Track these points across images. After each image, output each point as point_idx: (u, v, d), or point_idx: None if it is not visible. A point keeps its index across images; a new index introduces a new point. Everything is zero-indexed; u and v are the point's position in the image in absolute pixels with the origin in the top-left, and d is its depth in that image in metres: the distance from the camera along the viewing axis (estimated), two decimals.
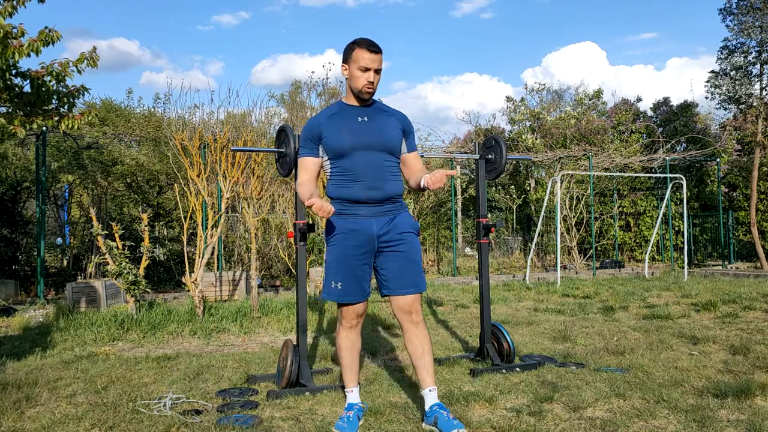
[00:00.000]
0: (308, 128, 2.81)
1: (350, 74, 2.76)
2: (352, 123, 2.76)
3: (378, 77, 2.77)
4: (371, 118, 2.79)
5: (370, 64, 2.71)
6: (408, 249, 2.76)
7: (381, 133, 2.76)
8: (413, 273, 2.76)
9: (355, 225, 2.73)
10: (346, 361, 2.86)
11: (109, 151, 10.91)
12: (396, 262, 2.75)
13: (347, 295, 2.75)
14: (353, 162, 2.72)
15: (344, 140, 2.72)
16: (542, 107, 16.02)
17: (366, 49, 2.71)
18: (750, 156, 13.16)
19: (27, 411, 3.05)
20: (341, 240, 2.75)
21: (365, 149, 2.72)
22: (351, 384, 2.87)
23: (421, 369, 2.77)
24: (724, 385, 3.18)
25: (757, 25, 11.04)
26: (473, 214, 14.86)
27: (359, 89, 2.75)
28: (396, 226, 2.76)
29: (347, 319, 2.81)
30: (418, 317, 2.78)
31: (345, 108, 2.82)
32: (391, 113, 2.87)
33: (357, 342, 2.87)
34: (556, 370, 3.70)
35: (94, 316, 5.66)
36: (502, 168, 4.08)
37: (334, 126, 2.76)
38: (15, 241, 9.82)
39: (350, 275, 2.73)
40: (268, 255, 10.14)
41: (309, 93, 15.55)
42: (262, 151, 5.16)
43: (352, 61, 2.74)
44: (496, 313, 6.34)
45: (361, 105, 2.82)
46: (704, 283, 8.84)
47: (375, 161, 2.73)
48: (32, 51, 5.14)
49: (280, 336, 5.23)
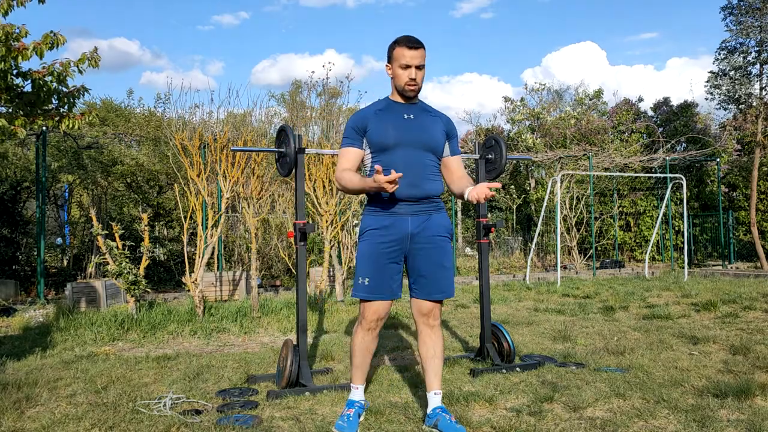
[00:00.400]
0: (355, 120, 2.80)
1: (393, 73, 2.76)
2: (397, 119, 2.75)
3: (421, 74, 2.74)
4: (417, 116, 2.78)
5: (411, 60, 2.69)
6: (440, 254, 2.75)
7: (425, 132, 2.75)
8: (443, 279, 2.75)
9: (390, 221, 2.70)
10: (357, 360, 2.84)
11: (109, 151, 10.91)
12: (427, 267, 2.73)
13: (374, 292, 2.70)
14: (395, 158, 2.70)
15: (389, 135, 2.71)
16: (542, 107, 16.03)
17: (405, 46, 2.70)
18: (750, 156, 13.16)
19: (27, 411, 3.05)
20: (374, 236, 2.72)
21: (408, 146, 2.71)
22: (358, 381, 2.86)
23: (430, 371, 2.77)
24: (724, 385, 3.18)
25: (757, 25, 11.04)
26: (473, 214, 14.86)
27: (402, 87, 2.74)
28: (430, 227, 2.73)
29: (367, 319, 2.75)
30: (435, 321, 2.78)
31: (392, 104, 2.81)
32: (437, 115, 2.86)
33: (372, 345, 2.82)
34: (556, 370, 3.70)
35: (94, 316, 5.66)
36: (502, 168, 4.08)
37: (380, 121, 2.75)
38: (15, 241, 9.82)
39: (379, 272, 2.69)
40: (268, 255, 10.14)
41: (309, 93, 15.55)
42: (262, 151, 5.16)
43: (394, 60, 2.74)
44: (496, 313, 6.34)
45: (406, 103, 2.81)
46: (704, 283, 8.84)
47: (417, 159, 2.71)
48: (37, 54, 5.14)
49: (280, 336, 5.23)
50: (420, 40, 2.73)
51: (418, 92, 2.78)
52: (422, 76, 2.76)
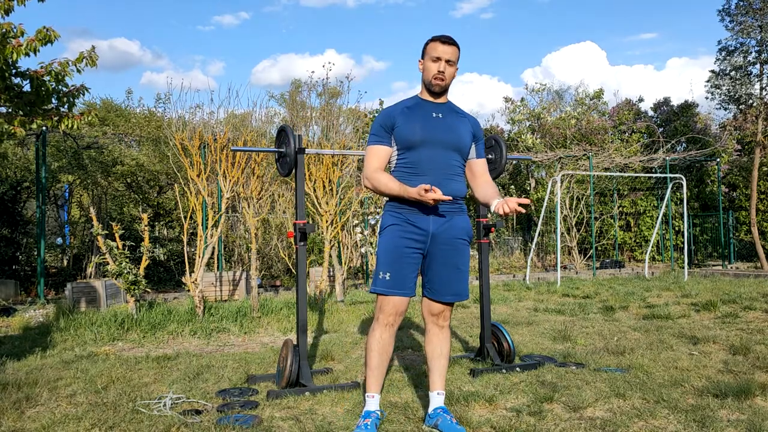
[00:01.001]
0: (383, 117, 2.78)
1: (424, 67, 2.76)
2: (426, 117, 2.73)
3: (451, 70, 2.73)
4: (445, 115, 2.77)
5: (442, 54, 2.70)
6: (457, 257, 2.73)
7: (452, 132, 2.73)
8: (458, 282, 2.74)
9: (412, 219, 2.68)
10: (373, 362, 2.71)
11: (110, 151, 10.91)
12: (443, 269, 2.72)
13: (395, 287, 2.66)
14: (421, 156, 2.68)
15: (416, 133, 2.69)
16: (542, 107, 16.03)
17: (439, 41, 2.71)
18: (750, 156, 13.17)
19: (27, 411, 3.05)
20: (395, 231, 2.70)
21: (434, 145, 2.69)
22: (373, 389, 2.72)
23: (434, 371, 2.77)
24: (724, 385, 3.18)
25: (757, 25, 11.04)
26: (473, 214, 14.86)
27: (429, 80, 2.73)
28: (451, 228, 2.71)
29: (385, 314, 2.69)
30: (445, 322, 2.78)
31: (420, 102, 2.79)
32: (464, 116, 2.85)
33: (389, 345, 2.73)
34: (556, 370, 3.70)
35: (94, 316, 5.66)
36: (502, 168, 4.08)
37: (408, 118, 2.73)
38: (15, 241, 9.82)
39: (400, 267, 2.66)
40: (268, 255, 10.14)
41: (309, 93, 15.56)
42: (262, 151, 5.16)
43: (426, 54, 2.74)
44: (496, 313, 6.35)
45: (435, 101, 2.79)
46: (704, 283, 8.84)
47: (443, 158, 2.70)
48: (31, 50, 5.14)
49: (280, 336, 5.23)
50: (453, 39, 2.74)
51: (445, 89, 2.76)
52: (452, 73, 2.75)
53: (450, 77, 2.75)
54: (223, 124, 9.15)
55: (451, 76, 2.75)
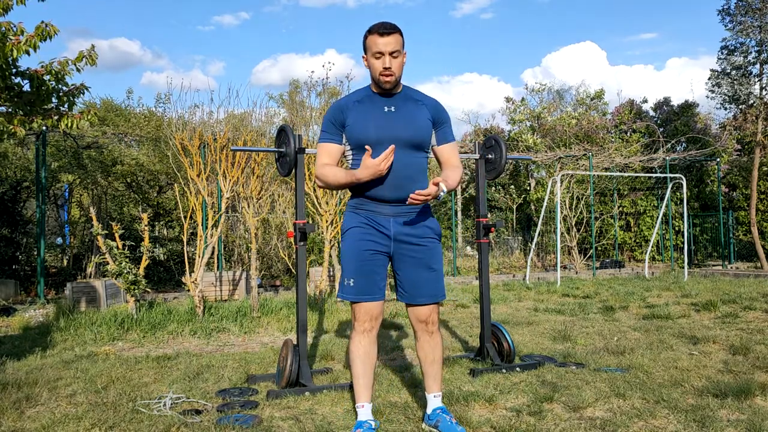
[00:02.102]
0: (333, 112, 2.61)
1: (368, 64, 2.57)
2: (378, 113, 2.56)
3: (397, 61, 2.52)
4: (399, 108, 2.58)
5: (383, 47, 2.49)
6: (427, 256, 2.59)
7: (409, 127, 2.55)
8: (432, 282, 2.60)
9: (373, 219, 2.57)
10: (357, 370, 2.60)
11: (109, 150, 10.91)
12: (414, 269, 2.58)
13: (361, 293, 2.55)
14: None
15: (369, 132, 2.53)
16: (543, 107, 16.03)
17: (377, 34, 2.50)
18: (750, 156, 13.17)
19: (27, 411, 3.05)
20: (355, 235, 2.58)
21: (390, 143, 2.50)
22: (362, 398, 2.60)
23: (429, 376, 2.68)
24: (724, 385, 3.18)
25: (757, 25, 11.04)
26: (473, 214, 14.86)
27: (377, 78, 2.54)
28: (416, 228, 2.58)
29: (360, 321, 2.58)
30: (434, 327, 2.64)
31: (371, 96, 2.61)
32: (422, 102, 2.63)
33: (371, 350, 2.60)
34: (556, 370, 3.70)
35: (94, 315, 5.66)
36: (502, 168, 4.08)
37: (359, 114, 2.57)
38: (15, 240, 9.82)
39: (364, 272, 2.55)
40: (268, 255, 10.14)
41: (309, 93, 15.56)
42: (262, 150, 5.16)
43: (367, 50, 2.55)
44: (496, 312, 6.34)
45: (387, 93, 2.60)
46: (704, 283, 8.84)
47: (402, 158, 2.52)
48: (30, 47, 5.13)
49: (280, 336, 5.23)
50: (394, 25, 2.51)
51: (395, 82, 2.56)
52: (399, 63, 2.53)
53: (399, 69, 2.53)
54: (223, 124, 9.15)
55: (400, 66, 2.54)
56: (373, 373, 2.65)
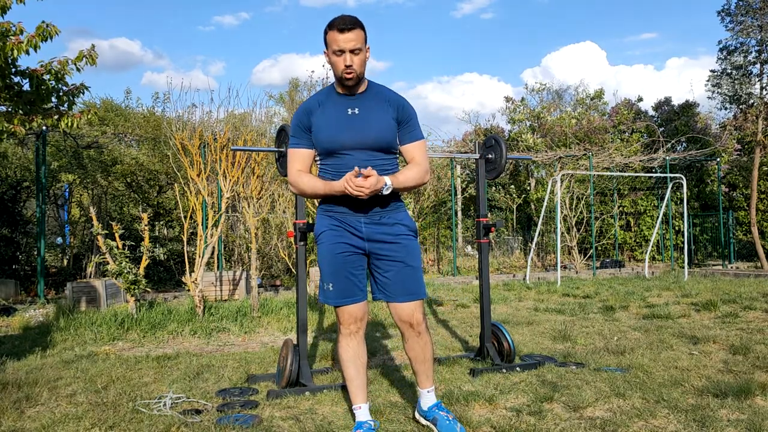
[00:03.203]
0: (299, 115, 2.55)
1: (330, 61, 2.47)
2: (340, 116, 2.49)
3: (359, 58, 2.42)
4: (362, 109, 2.50)
5: (344, 44, 2.38)
6: (404, 253, 2.53)
7: (372, 130, 2.48)
8: (411, 279, 2.53)
9: (345, 221, 2.53)
10: (350, 373, 2.57)
11: (109, 150, 10.91)
12: (392, 268, 2.52)
13: (341, 297, 2.51)
14: (343, 162, 2.47)
15: (332, 137, 2.47)
16: (543, 107, 16.02)
17: (336, 30, 2.39)
18: (750, 156, 13.16)
19: (27, 410, 3.05)
20: (329, 238, 2.53)
21: (357, 149, 2.46)
22: (358, 400, 2.58)
23: (421, 374, 2.65)
24: (724, 385, 3.18)
25: (757, 25, 11.04)
26: (473, 214, 14.85)
27: (340, 76, 2.45)
28: (389, 227, 2.53)
29: (345, 324, 2.55)
30: (420, 327, 2.56)
31: (334, 97, 2.53)
32: (387, 100, 2.55)
33: (360, 351, 2.58)
34: (556, 370, 3.70)
35: (94, 315, 5.66)
36: (502, 168, 4.08)
37: (322, 117, 2.50)
38: (15, 240, 9.82)
39: (341, 275, 2.51)
40: (268, 255, 10.14)
41: (309, 92, 15.55)
42: (262, 150, 5.16)
43: (328, 46, 2.45)
44: (497, 312, 6.34)
45: (351, 93, 2.52)
46: (704, 282, 8.84)
47: (367, 161, 2.46)
48: (31, 47, 5.13)
49: (280, 336, 5.23)
50: (355, 19, 2.41)
51: (358, 79, 2.47)
52: (361, 60, 2.44)
53: (360, 66, 2.44)
54: (223, 124, 9.15)
55: (362, 63, 2.44)
56: (366, 373, 2.63)
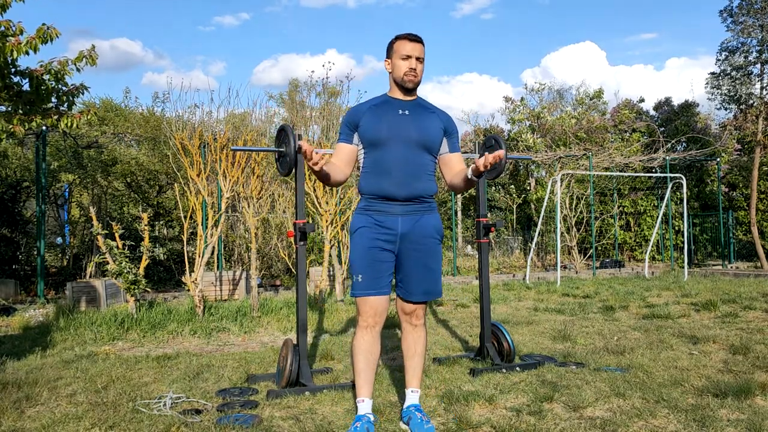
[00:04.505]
0: (349, 115, 2.80)
1: (393, 65, 2.76)
2: (392, 114, 2.73)
3: (421, 66, 2.75)
4: (412, 112, 2.75)
5: (411, 51, 2.71)
6: (427, 256, 2.72)
7: (420, 128, 2.71)
8: (428, 281, 2.73)
9: (380, 220, 2.69)
10: (359, 365, 2.69)
11: (109, 150, 10.91)
12: (413, 268, 2.71)
13: (369, 288, 2.66)
14: (386, 154, 2.68)
15: (381, 130, 2.69)
16: (542, 107, 16.01)
17: (406, 39, 2.73)
18: (750, 155, 13.16)
19: (27, 410, 3.05)
20: (365, 233, 2.69)
21: (401, 142, 2.68)
22: (362, 393, 2.69)
23: (408, 369, 2.80)
24: (724, 385, 3.18)
25: (758, 25, 11.04)
26: (473, 214, 14.86)
27: (401, 77, 2.73)
28: (420, 227, 2.71)
29: (364, 316, 2.68)
30: (418, 321, 2.78)
31: (388, 100, 2.79)
32: (434, 111, 2.82)
33: (374, 346, 2.70)
34: (556, 370, 3.70)
35: (94, 315, 5.66)
36: (502, 168, 4.08)
37: (373, 116, 2.74)
38: (15, 240, 9.82)
39: (372, 267, 2.67)
40: (268, 254, 10.14)
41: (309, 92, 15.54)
42: (262, 150, 5.15)
43: (394, 53, 2.75)
44: (496, 312, 6.34)
45: (404, 98, 2.78)
46: (704, 282, 8.84)
47: (409, 156, 2.68)
48: (30, 48, 5.13)
49: (280, 335, 5.23)
50: (420, 36, 2.76)
51: (416, 85, 2.76)
52: (422, 69, 2.76)
53: (421, 73, 2.76)
54: (223, 124, 9.15)
55: (421, 72, 2.77)
56: (375, 370, 2.73)
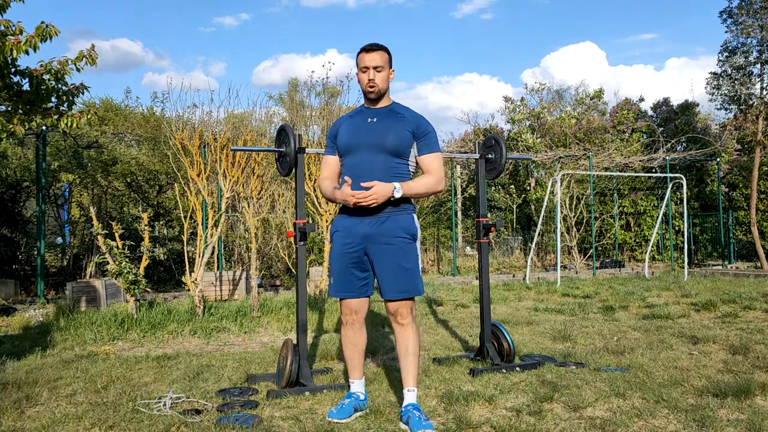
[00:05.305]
0: (331, 127, 2.99)
1: (359, 79, 2.88)
2: (360, 123, 2.87)
3: (381, 75, 2.82)
4: (381, 119, 2.85)
5: (368, 62, 2.80)
6: (398, 255, 2.78)
7: (384, 135, 2.80)
8: (403, 279, 2.79)
9: (350, 223, 2.83)
10: (347, 354, 2.98)
11: (109, 150, 10.90)
12: (384, 267, 2.80)
13: (338, 291, 2.88)
14: (354, 161, 2.82)
15: (350, 138, 2.84)
16: (542, 107, 16.01)
17: (363, 51, 2.83)
18: (750, 155, 13.16)
19: (27, 410, 3.05)
20: (337, 238, 2.89)
21: (365, 149, 2.80)
22: (352, 375, 2.99)
23: (403, 369, 2.86)
24: (724, 385, 3.18)
25: (758, 25, 11.03)
26: (473, 214, 14.85)
27: (364, 89, 2.86)
28: (386, 228, 2.78)
29: (343, 314, 2.93)
30: (404, 320, 2.84)
31: (362, 110, 2.93)
32: (404, 115, 2.88)
33: (357, 339, 2.95)
34: (556, 370, 3.70)
35: (94, 315, 5.66)
36: (502, 167, 4.08)
37: (347, 126, 2.90)
38: (15, 240, 9.82)
39: (341, 272, 2.86)
40: (268, 254, 10.14)
41: (309, 92, 15.53)
42: (262, 150, 5.15)
43: (357, 66, 2.87)
44: (496, 312, 6.34)
45: (374, 107, 2.89)
46: (704, 282, 8.84)
47: (375, 162, 2.78)
48: (30, 47, 5.12)
49: (280, 335, 5.23)
50: (378, 44, 2.84)
51: (379, 94, 2.84)
52: (383, 77, 2.83)
53: (382, 82, 2.83)
54: (223, 124, 9.15)
55: (383, 80, 2.83)
56: (363, 355, 2.99)
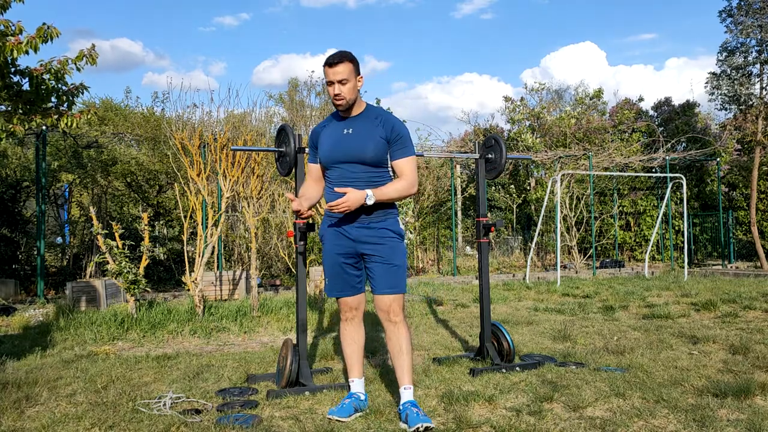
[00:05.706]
0: (310, 136, 3.03)
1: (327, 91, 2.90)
2: (337, 135, 2.89)
3: (347, 87, 2.80)
4: (356, 129, 2.86)
5: (332, 77, 2.79)
6: (388, 253, 2.86)
7: (363, 147, 2.82)
8: (392, 276, 2.86)
9: (338, 225, 2.91)
10: (346, 351, 3.05)
11: (109, 150, 10.90)
12: (376, 265, 2.87)
13: (333, 290, 2.98)
14: (336, 173, 2.88)
15: (328, 153, 2.88)
16: (542, 107, 16.00)
17: (326, 65, 2.81)
18: (750, 155, 13.16)
19: (27, 410, 3.05)
20: (326, 241, 2.99)
21: (343, 162, 2.85)
22: (352, 374, 3.03)
23: (398, 368, 2.89)
24: (724, 385, 3.18)
25: (757, 25, 11.03)
26: (473, 214, 14.84)
27: (333, 103, 2.87)
28: (376, 232, 2.86)
29: (341, 311, 3.03)
30: (396, 317, 2.88)
31: (335, 120, 2.95)
32: (379, 121, 2.86)
33: (356, 335, 3.03)
34: (556, 370, 3.70)
35: (94, 315, 5.66)
36: (502, 167, 4.08)
37: (325, 138, 2.93)
38: (15, 240, 9.81)
39: (334, 272, 2.96)
40: (268, 254, 10.14)
41: (309, 92, 15.52)
42: (262, 150, 5.16)
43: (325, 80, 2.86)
44: (496, 312, 6.34)
45: (348, 116, 2.90)
46: (704, 282, 8.84)
47: (356, 173, 2.83)
48: (31, 48, 5.12)
49: (280, 335, 5.23)
50: (341, 55, 2.80)
51: (347, 105, 2.84)
52: (350, 88, 2.81)
53: (349, 93, 2.81)
54: (223, 124, 9.15)
55: (350, 91, 2.81)
56: (362, 352, 3.07)
